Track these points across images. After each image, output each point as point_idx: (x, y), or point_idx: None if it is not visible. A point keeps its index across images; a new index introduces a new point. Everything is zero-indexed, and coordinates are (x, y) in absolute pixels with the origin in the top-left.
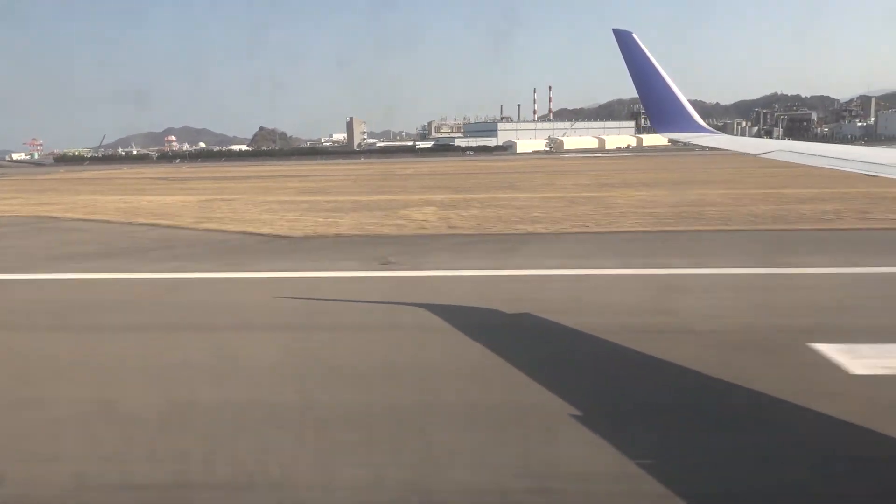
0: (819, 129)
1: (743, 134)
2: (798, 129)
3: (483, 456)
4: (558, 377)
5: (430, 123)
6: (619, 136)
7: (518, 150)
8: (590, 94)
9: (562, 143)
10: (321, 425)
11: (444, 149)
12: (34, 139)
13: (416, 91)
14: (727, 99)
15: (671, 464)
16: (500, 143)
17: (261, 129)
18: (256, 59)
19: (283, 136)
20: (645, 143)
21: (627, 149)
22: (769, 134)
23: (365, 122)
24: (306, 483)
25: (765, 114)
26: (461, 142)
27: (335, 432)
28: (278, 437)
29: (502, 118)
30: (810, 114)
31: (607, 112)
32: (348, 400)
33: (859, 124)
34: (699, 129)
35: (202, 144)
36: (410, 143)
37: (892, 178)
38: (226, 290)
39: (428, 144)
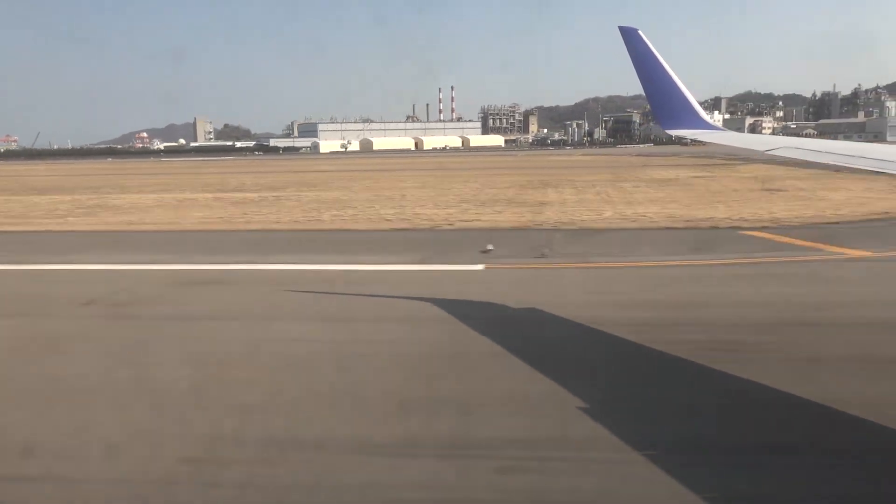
0: (640, 131)
1: (576, 132)
2: (622, 129)
3: None
4: None
5: (293, 123)
6: (445, 136)
7: (321, 151)
8: (568, 91)
9: (371, 143)
10: None
11: (261, 148)
12: (8, 135)
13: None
14: (704, 95)
15: None
16: (310, 144)
17: (226, 125)
18: (260, 60)
19: (246, 132)
20: (472, 144)
21: (445, 149)
22: (591, 134)
23: (211, 122)
24: None
25: (599, 115)
26: (285, 141)
27: None
28: None
29: (408, 118)
30: (631, 115)
31: (582, 109)
32: None
33: None
34: (705, 125)
35: (182, 141)
36: (230, 143)
37: None
38: None
39: (249, 144)
